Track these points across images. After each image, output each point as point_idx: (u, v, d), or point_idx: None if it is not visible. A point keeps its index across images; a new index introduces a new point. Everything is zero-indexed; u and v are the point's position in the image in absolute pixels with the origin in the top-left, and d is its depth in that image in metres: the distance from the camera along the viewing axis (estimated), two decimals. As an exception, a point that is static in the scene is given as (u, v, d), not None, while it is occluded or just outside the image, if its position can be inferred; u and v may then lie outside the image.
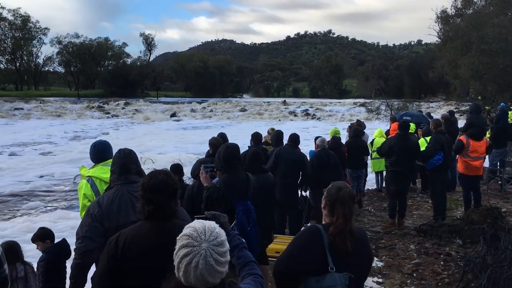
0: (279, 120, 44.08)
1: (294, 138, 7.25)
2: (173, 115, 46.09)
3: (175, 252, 1.76)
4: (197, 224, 1.80)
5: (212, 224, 1.82)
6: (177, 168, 5.95)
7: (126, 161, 3.26)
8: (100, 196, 3.29)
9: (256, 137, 7.83)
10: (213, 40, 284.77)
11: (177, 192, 2.52)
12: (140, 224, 2.45)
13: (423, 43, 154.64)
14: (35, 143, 25.46)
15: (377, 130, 10.80)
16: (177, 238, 1.78)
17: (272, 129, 9.36)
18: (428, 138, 8.32)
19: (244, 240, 2.42)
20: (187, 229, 1.78)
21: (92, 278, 2.55)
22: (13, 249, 3.82)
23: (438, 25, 32.42)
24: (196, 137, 26.36)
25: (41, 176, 15.29)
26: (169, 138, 28.08)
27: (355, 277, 2.57)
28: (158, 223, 2.42)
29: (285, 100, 61.32)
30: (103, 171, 3.88)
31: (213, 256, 1.72)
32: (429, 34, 60.12)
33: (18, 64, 72.47)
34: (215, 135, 6.51)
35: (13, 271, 3.67)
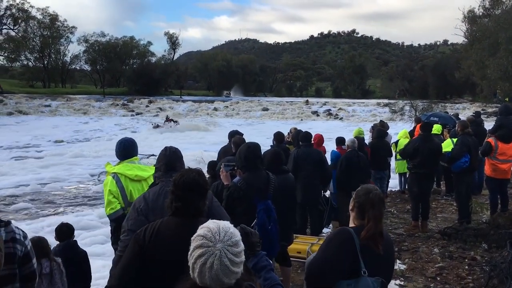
0: (301, 119, 43.92)
1: (307, 137, 7.15)
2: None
3: (189, 252, 1.76)
4: (212, 224, 1.80)
5: (226, 224, 1.81)
6: (214, 165, 5.90)
7: (172, 159, 3.31)
8: (146, 191, 3.35)
9: (278, 136, 7.80)
10: (237, 39, 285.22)
11: (207, 192, 2.55)
12: (167, 219, 2.50)
13: (449, 43, 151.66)
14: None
15: (402, 131, 10.68)
16: (192, 238, 1.78)
17: (295, 128, 9.34)
18: (455, 140, 8.18)
19: (271, 262, 2.41)
20: (201, 230, 1.78)
21: (112, 272, 2.57)
22: (39, 244, 3.86)
23: (465, 25, 31.91)
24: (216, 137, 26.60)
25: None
26: (192, 136, 28.29)
27: (385, 280, 2.59)
28: (184, 220, 2.45)
29: (307, 100, 61.00)
30: (128, 168, 3.94)
31: (228, 257, 1.71)
32: (456, 34, 58.96)
33: (46, 62, 73.95)
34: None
35: (38, 267, 3.70)
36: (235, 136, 5.88)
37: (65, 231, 4.39)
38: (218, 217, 2.68)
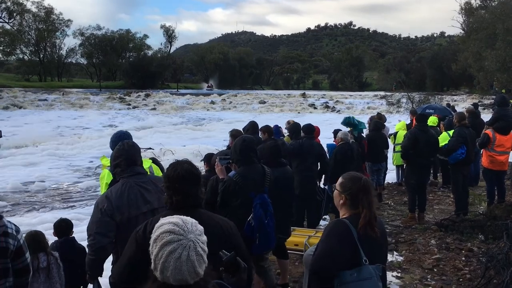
0: (299, 112, 43.91)
1: (310, 129, 7.12)
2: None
3: (154, 254, 1.70)
4: (174, 219, 1.75)
5: (186, 217, 1.78)
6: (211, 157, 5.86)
7: (132, 153, 3.27)
8: (107, 190, 3.26)
9: (266, 130, 7.76)
10: (233, 32, 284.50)
11: (201, 180, 2.55)
12: (167, 213, 2.47)
13: (446, 35, 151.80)
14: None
15: (400, 123, 10.66)
16: (152, 239, 1.73)
17: (293, 121, 9.30)
18: (450, 132, 8.17)
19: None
20: (164, 227, 1.72)
21: (113, 269, 2.55)
22: (36, 238, 3.86)
23: (462, 16, 31.93)
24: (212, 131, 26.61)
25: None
26: (187, 130, 28.26)
27: (383, 266, 2.63)
28: (185, 212, 2.42)
29: (304, 93, 60.93)
30: (124, 161, 3.90)
31: (200, 246, 1.69)
32: (453, 26, 58.83)
33: (41, 55, 73.59)
34: (236, 128, 6.50)
35: (35, 261, 3.69)
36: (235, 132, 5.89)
37: (63, 227, 4.37)
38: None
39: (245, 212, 3.94)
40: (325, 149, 8.00)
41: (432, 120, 9.80)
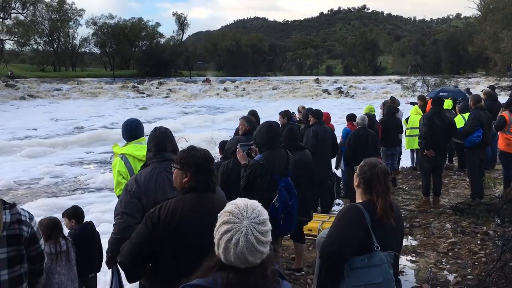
0: (312, 98, 43.63)
1: (319, 114, 7.17)
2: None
3: (215, 228, 1.73)
4: (239, 201, 1.76)
5: (254, 202, 1.78)
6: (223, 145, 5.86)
7: (162, 139, 3.31)
8: (137, 173, 3.33)
9: (286, 114, 7.81)
10: (245, 18, 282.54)
11: (213, 166, 2.58)
12: (181, 197, 2.51)
13: (462, 16, 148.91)
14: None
15: (413, 107, 10.52)
16: (219, 214, 1.75)
17: (303, 107, 9.28)
18: (466, 115, 8.04)
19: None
20: (229, 206, 1.75)
21: (123, 247, 2.58)
22: (57, 224, 3.98)
23: (479, -3, 31.11)
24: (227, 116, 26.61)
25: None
26: (201, 117, 28.34)
27: (396, 253, 2.62)
28: (198, 195, 2.48)
29: (318, 78, 60.46)
30: (136, 149, 3.94)
31: (254, 234, 1.66)
32: (469, 7, 57.89)
33: (55, 45, 74.06)
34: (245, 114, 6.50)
35: (57, 245, 3.85)
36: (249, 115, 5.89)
37: (80, 212, 4.46)
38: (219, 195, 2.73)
39: (270, 195, 4.10)
40: (340, 133, 8.02)
41: (447, 103, 9.66)
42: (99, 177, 12.29)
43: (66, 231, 4.26)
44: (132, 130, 4.10)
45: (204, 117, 28.43)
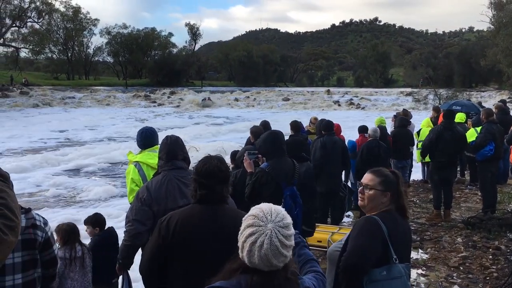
0: (323, 109, 43.58)
1: (330, 125, 7.11)
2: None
3: (240, 231, 1.75)
4: (264, 205, 1.80)
5: (278, 207, 1.81)
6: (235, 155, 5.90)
7: (173, 148, 3.35)
8: (148, 181, 3.39)
9: (295, 125, 7.79)
10: (257, 29, 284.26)
11: (229, 178, 2.58)
12: (191, 207, 2.53)
13: (474, 30, 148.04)
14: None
15: (425, 120, 10.51)
16: (243, 218, 1.78)
17: (315, 118, 9.28)
18: (478, 129, 8.01)
19: (304, 240, 2.42)
20: (253, 210, 1.78)
21: (141, 262, 2.63)
22: (75, 230, 4.02)
23: (491, 11, 31.07)
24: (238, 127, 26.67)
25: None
26: (211, 127, 28.43)
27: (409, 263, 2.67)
28: (209, 207, 2.49)
29: (329, 90, 60.44)
30: (150, 157, 3.99)
31: (278, 237, 1.69)
32: (481, 21, 57.40)
33: (69, 54, 75.03)
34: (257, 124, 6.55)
35: (72, 251, 3.89)
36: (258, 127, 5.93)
37: (103, 219, 4.52)
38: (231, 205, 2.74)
39: (275, 203, 4.00)
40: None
41: (460, 117, 9.63)
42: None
43: (86, 238, 4.31)
44: (147, 138, 4.15)
45: (214, 127, 28.53)
